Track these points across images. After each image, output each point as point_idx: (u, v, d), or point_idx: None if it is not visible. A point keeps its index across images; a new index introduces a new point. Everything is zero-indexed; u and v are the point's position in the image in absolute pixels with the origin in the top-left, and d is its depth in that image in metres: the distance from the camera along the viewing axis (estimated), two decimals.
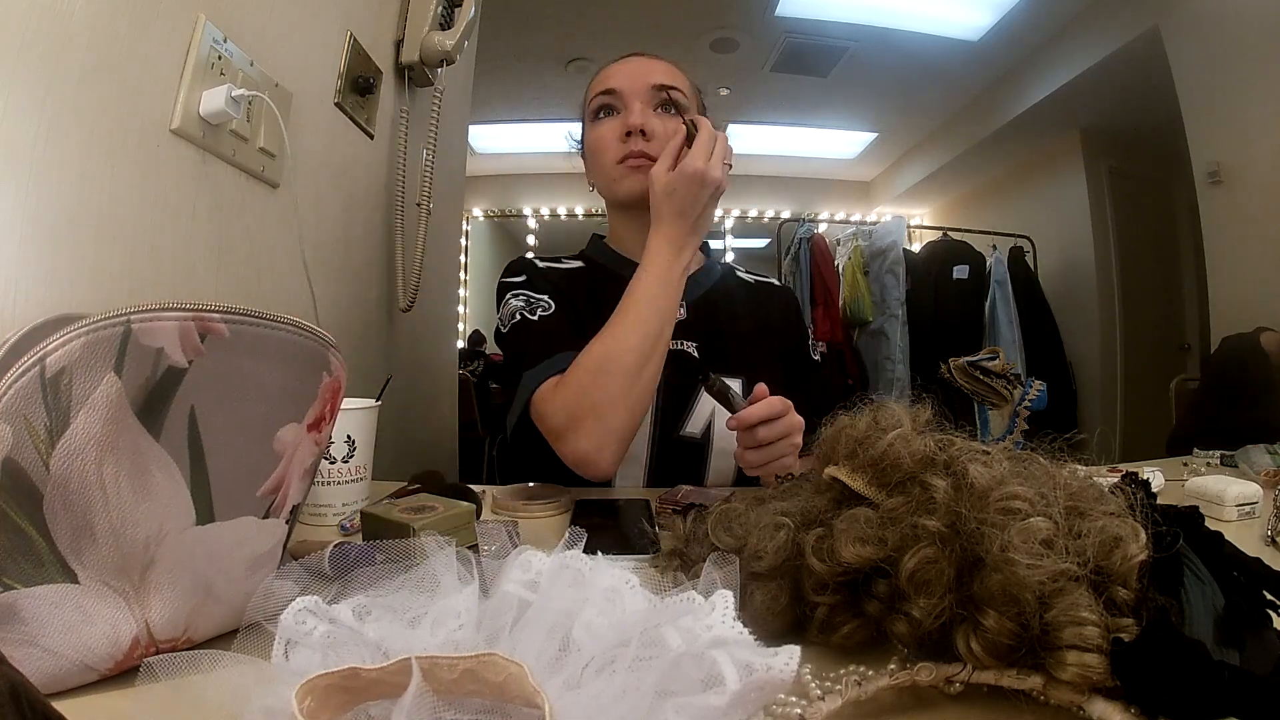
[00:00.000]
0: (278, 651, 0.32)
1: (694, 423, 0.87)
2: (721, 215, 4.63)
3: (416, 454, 1.35)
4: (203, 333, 0.34)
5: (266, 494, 0.40)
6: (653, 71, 0.90)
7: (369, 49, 1.08)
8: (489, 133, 3.83)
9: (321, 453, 0.45)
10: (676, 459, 0.86)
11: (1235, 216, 2.33)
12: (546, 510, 0.70)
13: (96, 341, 0.31)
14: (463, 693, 0.28)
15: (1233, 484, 0.70)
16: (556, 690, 0.28)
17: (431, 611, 0.34)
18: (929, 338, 3.37)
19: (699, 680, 0.27)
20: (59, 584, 0.32)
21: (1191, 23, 2.41)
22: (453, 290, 1.85)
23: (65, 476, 0.31)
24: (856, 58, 3.13)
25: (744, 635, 0.30)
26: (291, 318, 0.38)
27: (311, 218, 0.93)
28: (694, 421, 0.87)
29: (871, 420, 0.41)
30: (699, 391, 0.86)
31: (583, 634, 0.31)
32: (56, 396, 0.30)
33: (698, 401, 0.87)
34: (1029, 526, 0.31)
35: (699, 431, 0.87)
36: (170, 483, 0.35)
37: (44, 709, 0.22)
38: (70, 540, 0.32)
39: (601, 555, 0.39)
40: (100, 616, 0.33)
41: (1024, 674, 0.30)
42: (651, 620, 0.31)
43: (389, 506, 0.56)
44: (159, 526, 0.34)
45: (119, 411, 0.32)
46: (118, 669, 0.34)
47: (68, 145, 0.56)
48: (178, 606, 0.36)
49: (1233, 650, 0.30)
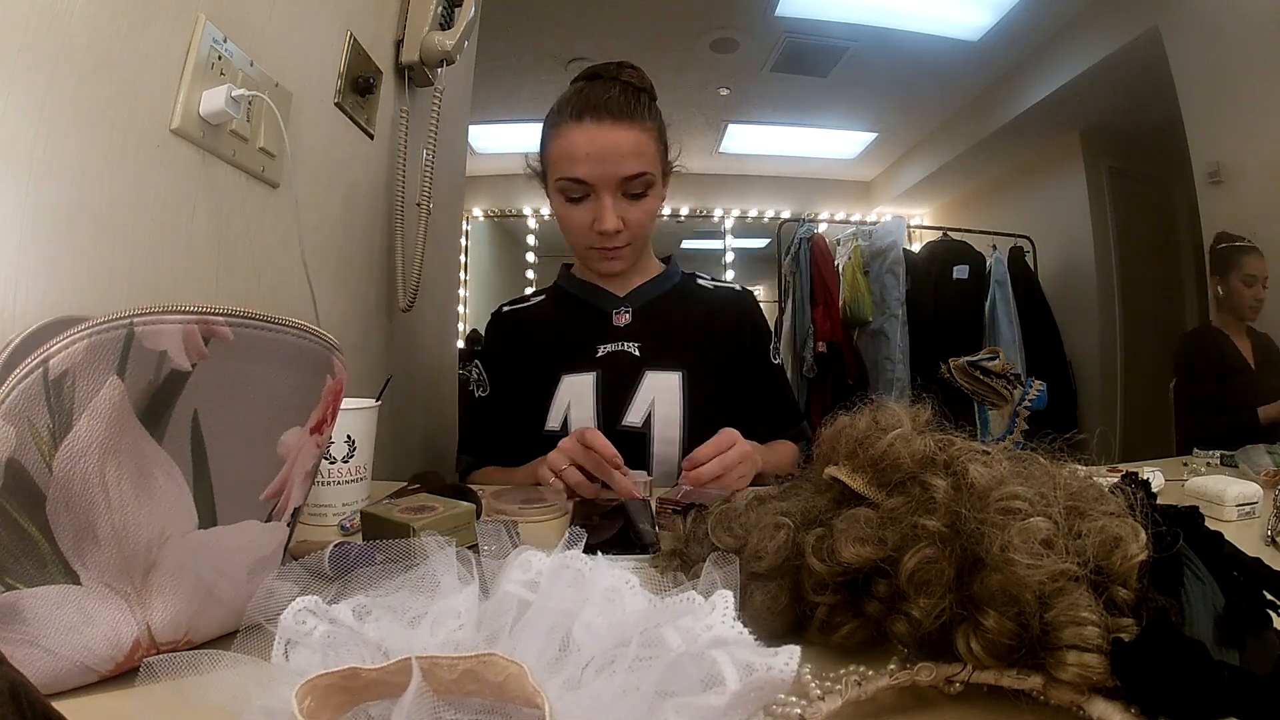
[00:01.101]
0: (278, 651, 0.32)
1: (634, 414, 0.95)
2: (721, 215, 4.63)
3: (416, 454, 1.35)
4: (206, 336, 0.34)
5: (269, 498, 0.40)
6: (621, 160, 0.90)
7: (369, 49, 1.08)
8: (489, 133, 3.83)
9: (322, 454, 0.45)
10: (622, 447, 0.87)
11: (1235, 216, 2.33)
12: (545, 513, 0.70)
13: (99, 344, 0.31)
14: (462, 693, 0.28)
15: (1233, 484, 0.70)
16: (556, 690, 0.28)
17: (431, 611, 0.33)
18: (929, 338, 3.36)
19: (699, 680, 0.27)
20: (61, 585, 0.32)
21: (1191, 23, 2.41)
22: (453, 290, 1.84)
23: (68, 478, 0.31)
24: (857, 58, 3.13)
25: (744, 635, 0.30)
26: (296, 320, 0.38)
27: (311, 218, 0.93)
28: (633, 412, 0.95)
29: (871, 420, 0.41)
30: (636, 387, 0.96)
31: (583, 634, 0.31)
32: (60, 399, 0.30)
33: (635, 396, 0.95)
34: (1029, 526, 0.31)
35: (639, 421, 0.95)
36: (173, 486, 0.35)
37: (44, 709, 0.22)
38: (73, 541, 0.32)
39: (601, 555, 0.38)
40: (101, 618, 0.33)
41: (1024, 674, 0.30)
42: (651, 620, 0.31)
43: (389, 506, 0.56)
44: (161, 530, 0.34)
45: (121, 414, 0.32)
46: (118, 670, 0.34)
47: (68, 145, 0.55)
48: (179, 609, 0.36)
49: (1233, 650, 0.30)
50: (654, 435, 0.95)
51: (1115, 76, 2.89)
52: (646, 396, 0.95)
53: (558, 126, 0.93)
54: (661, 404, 0.95)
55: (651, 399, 0.95)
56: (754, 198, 4.65)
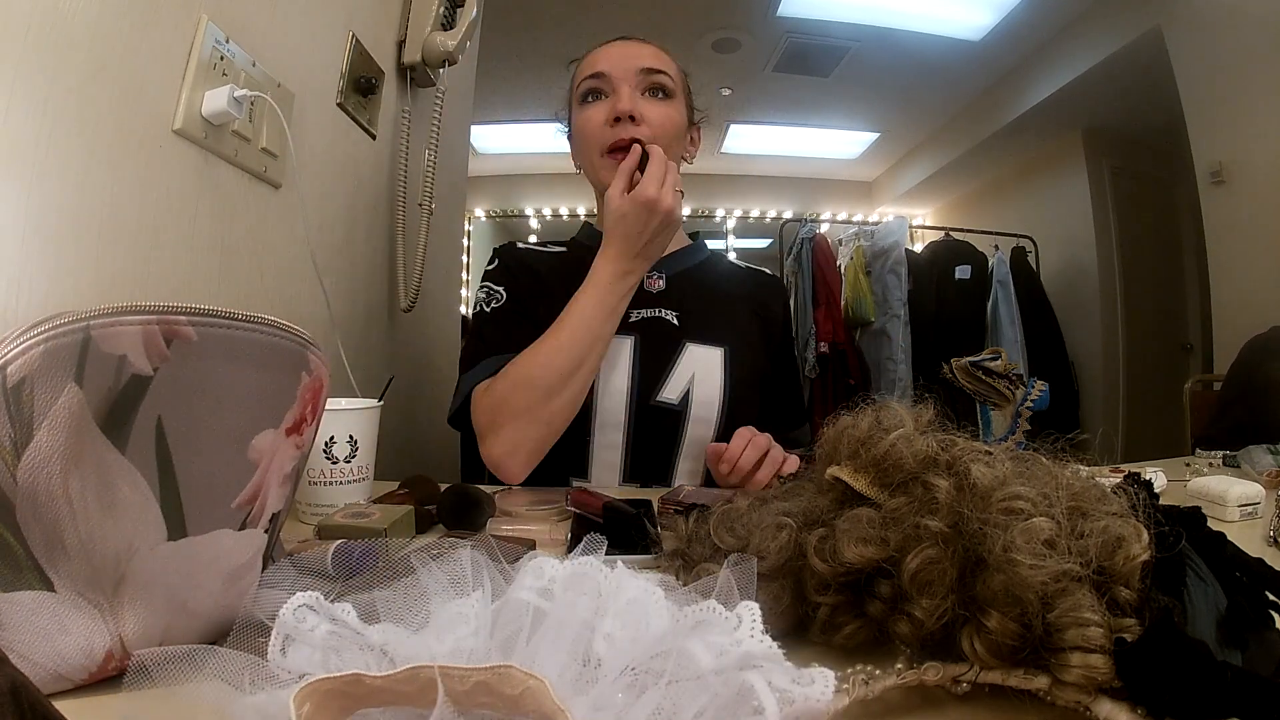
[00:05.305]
0: (275, 647, 0.31)
1: (671, 389, 0.87)
2: (723, 215, 4.63)
3: (418, 454, 1.35)
4: (169, 337, 0.32)
5: (242, 505, 0.38)
6: (641, 55, 0.90)
7: (371, 49, 1.08)
8: (491, 133, 3.83)
9: (304, 455, 0.43)
10: (654, 425, 0.87)
11: (1237, 216, 2.33)
12: (549, 514, 0.70)
13: (56, 349, 0.29)
14: (474, 705, 0.26)
15: (1235, 484, 0.70)
16: (583, 711, 0.26)
17: (439, 616, 0.32)
18: (931, 338, 3.36)
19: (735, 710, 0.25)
20: (37, 591, 0.31)
21: (1194, 23, 2.41)
22: (455, 290, 1.85)
23: (32, 490, 0.30)
24: (858, 58, 3.13)
25: (773, 649, 0.29)
26: (267, 317, 0.36)
27: (314, 218, 0.93)
28: (671, 388, 0.87)
29: (874, 420, 0.41)
30: (676, 359, 0.88)
31: (604, 647, 0.30)
32: (19, 407, 0.29)
33: (675, 368, 0.88)
34: (1031, 527, 0.31)
35: (676, 398, 0.87)
36: (138, 497, 0.33)
37: (44, 709, 0.22)
38: (45, 549, 0.31)
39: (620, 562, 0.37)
40: (75, 627, 0.32)
41: (1030, 674, 0.30)
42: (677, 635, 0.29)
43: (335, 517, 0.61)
44: (128, 543, 0.33)
45: (81, 424, 0.30)
46: (90, 680, 0.33)
47: (70, 146, 0.56)
48: (151, 622, 0.34)
49: (1235, 651, 0.30)
50: (690, 415, 0.87)
51: (1117, 76, 2.89)
52: (686, 371, 0.87)
53: (583, 58, 0.95)
54: (702, 382, 0.87)
55: (691, 374, 0.87)
56: (756, 198, 4.65)
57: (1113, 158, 3.56)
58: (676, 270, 0.96)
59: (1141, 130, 3.37)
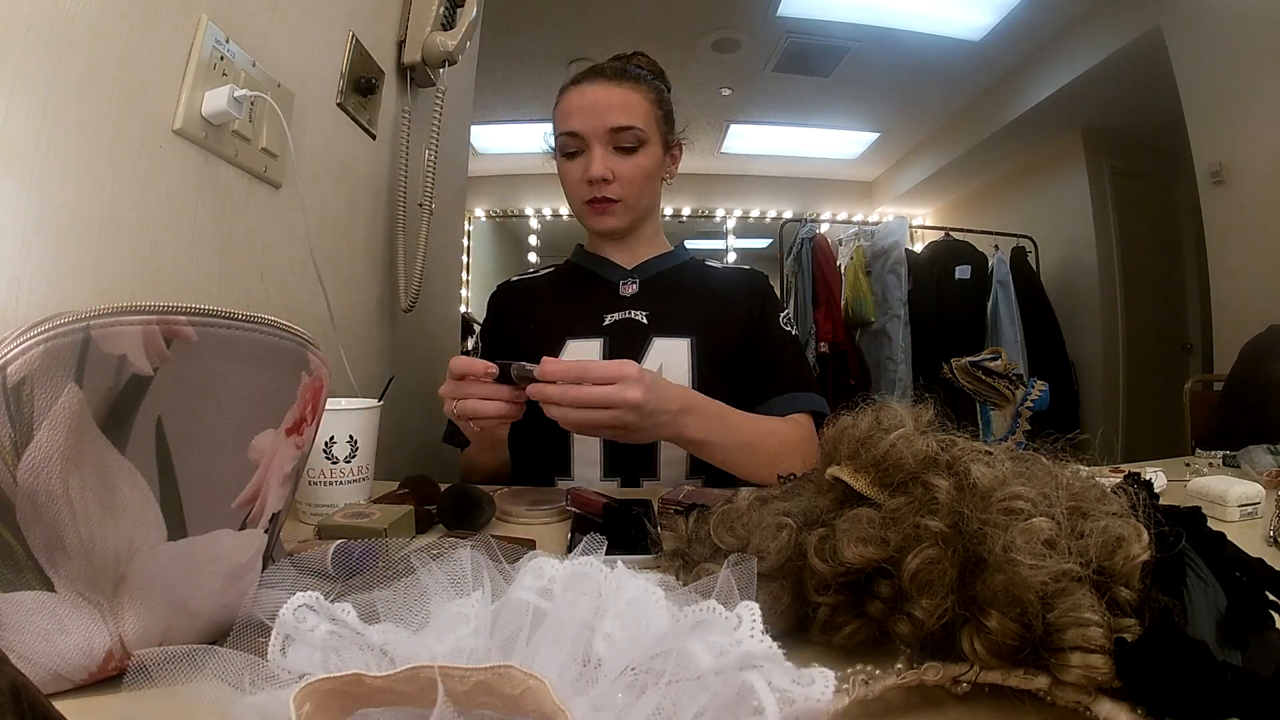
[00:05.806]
0: (275, 647, 0.31)
1: None
2: (723, 215, 4.63)
3: (418, 454, 1.35)
4: (168, 337, 0.32)
5: (242, 505, 0.38)
6: (610, 111, 0.93)
7: (371, 49, 1.08)
8: (491, 133, 3.83)
9: (304, 455, 0.43)
10: None
11: (1237, 216, 2.33)
12: (549, 515, 0.70)
13: (56, 349, 0.29)
14: (474, 705, 0.26)
15: (1235, 484, 0.70)
16: (583, 711, 0.26)
17: (439, 616, 0.32)
18: (931, 338, 3.36)
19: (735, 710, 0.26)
20: (37, 591, 0.32)
21: (1193, 23, 2.41)
22: (455, 291, 1.85)
23: (32, 490, 0.30)
24: (858, 58, 3.13)
25: (773, 649, 0.29)
26: (267, 316, 0.36)
27: (314, 218, 0.93)
28: None
29: (874, 420, 0.41)
30: (643, 353, 0.94)
31: (604, 647, 0.30)
32: (19, 408, 0.29)
33: (643, 361, 0.93)
34: (1031, 527, 0.31)
35: None
36: (138, 497, 0.33)
37: (44, 709, 0.22)
38: (45, 549, 0.31)
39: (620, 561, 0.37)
40: (75, 627, 0.32)
41: (1030, 674, 0.30)
42: (677, 635, 0.29)
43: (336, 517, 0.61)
44: (128, 542, 0.33)
45: (81, 424, 0.30)
46: (90, 680, 0.33)
47: (70, 146, 0.56)
48: (151, 622, 0.35)
49: (1235, 651, 0.30)
50: None
51: (1117, 76, 2.89)
52: (653, 363, 0.93)
53: (560, 95, 0.98)
54: (668, 370, 0.92)
55: (659, 365, 0.92)
56: (756, 198, 4.65)
57: (1113, 158, 3.56)
58: (651, 274, 1.03)
59: (1141, 130, 3.37)
